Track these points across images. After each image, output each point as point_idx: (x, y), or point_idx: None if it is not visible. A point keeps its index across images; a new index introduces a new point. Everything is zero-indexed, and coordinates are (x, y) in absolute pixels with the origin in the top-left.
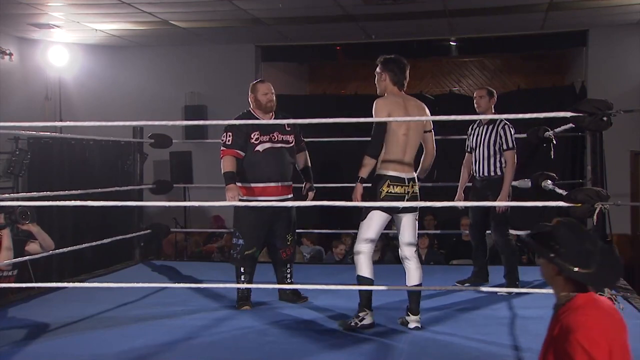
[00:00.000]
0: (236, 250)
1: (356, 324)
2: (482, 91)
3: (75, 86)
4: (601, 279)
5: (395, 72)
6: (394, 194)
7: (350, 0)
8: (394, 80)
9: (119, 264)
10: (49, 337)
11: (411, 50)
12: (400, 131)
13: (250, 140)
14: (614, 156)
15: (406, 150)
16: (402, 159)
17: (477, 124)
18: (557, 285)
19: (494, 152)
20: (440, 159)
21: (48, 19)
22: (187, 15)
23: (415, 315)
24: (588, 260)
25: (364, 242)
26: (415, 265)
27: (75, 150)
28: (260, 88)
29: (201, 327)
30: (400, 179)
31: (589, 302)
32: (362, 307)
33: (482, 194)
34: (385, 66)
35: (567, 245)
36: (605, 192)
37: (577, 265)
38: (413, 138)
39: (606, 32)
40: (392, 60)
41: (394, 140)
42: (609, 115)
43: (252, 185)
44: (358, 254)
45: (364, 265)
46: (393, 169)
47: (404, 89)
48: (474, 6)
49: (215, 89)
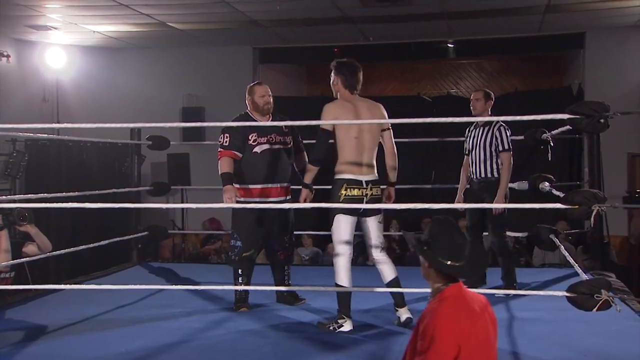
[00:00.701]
0: (234, 252)
1: (334, 329)
2: (479, 94)
3: (73, 88)
4: (470, 271)
5: (347, 76)
6: (353, 196)
7: (348, 2)
8: (345, 84)
9: (117, 265)
10: (47, 339)
11: (409, 52)
12: (351, 134)
13: (248, 142)
14: (611, 158)
15: (361, 153)
16: (359, 161)
17: (474, 126)
18: (430, 278)
19: (490, 153)
20: (439, 161)
21: (45, 20)
22: (185, 17)
23: (402, 307)
24: (458, 253)
25: (339, 249)
26: (387, 265)
27: (73, 152)
28: (257, 90)
29: (199, 329)
30: (358, 182)
31: (455, 295)
32: (342, 314)
33: (479, 195)
34: (337, 70)
35: (439, 240)
36: (602, 194)
37: (449, 259)
38: (367, 139)
39: (603, 35)
40: (343, 64)
41: (346, 144)
42: (606, 118)
43: (250, 187)
44: (337, 257)
45: (342, 271)
46: (350, 172)
47: (357, 92)
48: (472, 8)
49: (213, 91)
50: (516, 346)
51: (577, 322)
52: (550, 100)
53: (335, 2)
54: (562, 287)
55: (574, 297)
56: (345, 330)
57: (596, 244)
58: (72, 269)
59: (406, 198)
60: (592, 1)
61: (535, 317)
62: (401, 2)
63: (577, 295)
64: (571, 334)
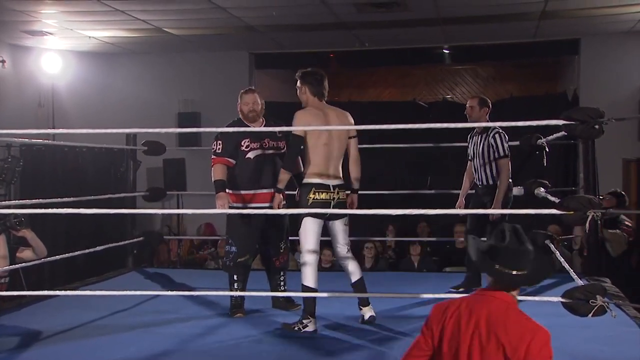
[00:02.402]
0: (229, 257)
1: (299, 329)
2: (474, 100)
3: (69, 93)
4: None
5: (314, 84)
6: (320, 200)
7: (343, 8)
8: (313, 92)
9: (112, 271)
10: (42, 346)
11: (405, 58)
12: (320, 141)
13: (241, 148)
14: (607, 164)
15: (330, 159)
16: (327, 167)
17: (474, 133)
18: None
19: (488, 160)
20: (435, 167)
21: (41, 26)
22: (181, 22)
23: (366, 306)
24: (524, 262)
25: (306, 252)
26: (352, 264)
27: (68, 158)
28: (243, 98)
29: (194, 334)
30: (325, 186)
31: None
32: (307, 314)
33: (481, 201)
34: (303, 80)
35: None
36: (597, 200)
37: (514, 268)
38: (336, 147)
39: (598, 41)
40: (309, 73)
41: (315, 151)
42: (600, 124)
43: (243, 192)
44: (304, 259)
45: (309, 273)
46: (318, 177)
47: (325, 99)
48: (467, 14)
49: (209, 96)
50: None
51: (572, 328)
52: (546, 106)
53: (331, 8)
54: (558, 293)
55: (569, 303)
56: (309, 331)
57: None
58: (67, 274)
59: (401, 203)
60: (587, 7)
61: None
62: (397, 8)
63: (573, 301)
64: (567, 340)
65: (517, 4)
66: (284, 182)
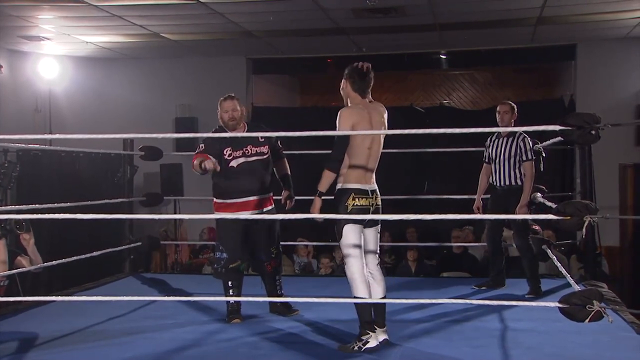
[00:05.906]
0: (220, 264)
1: (359, 348)
2: (506, 107)
3: (66, 98)
4: None
5: (355, 80)
6: (360, 206)
7: (341, 13)
8: (354, 88)
9: (109, 276)
10: (38, 351)
11: (402, 63)
12: (365, 144)
13: (224, 157)
14: (603, 169)
15: (369, 162)
16: (365, 171)
17: (496, 136)
18: None
19: (514, 163)
20: (432, 171)
21: (38, 31)
22: (178, 27)
23: (381, 327)
24: None
25: (352, 262)
26: (379, 278)
27: (65, 163)
28: (222, 105)
29: (191, 340)
30: (364, 191)
31: None
32: (364, 330)
33: (504, 201)
34: (346, 74)
35: None
36: (594, 205)
37: None
38: (376, 150)
39: (594, 46)
40: (352, 68)
41: (358, 153)
42: (597, 129)
43: (229, 202)
44: (350, 268)
45: (359, 282)
46: (357, 181)
47: (367, 97)
48: (464, 20)
49: (206, 101)
50: (509, 357)
51: (569, 333)
52: (542, 112)
53: (328, 13)
54: (555, 298)
55: (566, 308)
56: (371, 347)
57: (589, 255)
58: (64, 280)
59: (399, 208)
60: (583, 13)
61: (528, 328)
62: (394, 13)
63: (570, 306)
64: (564, 345)
65: (513, 10)
66: (327, 184)
